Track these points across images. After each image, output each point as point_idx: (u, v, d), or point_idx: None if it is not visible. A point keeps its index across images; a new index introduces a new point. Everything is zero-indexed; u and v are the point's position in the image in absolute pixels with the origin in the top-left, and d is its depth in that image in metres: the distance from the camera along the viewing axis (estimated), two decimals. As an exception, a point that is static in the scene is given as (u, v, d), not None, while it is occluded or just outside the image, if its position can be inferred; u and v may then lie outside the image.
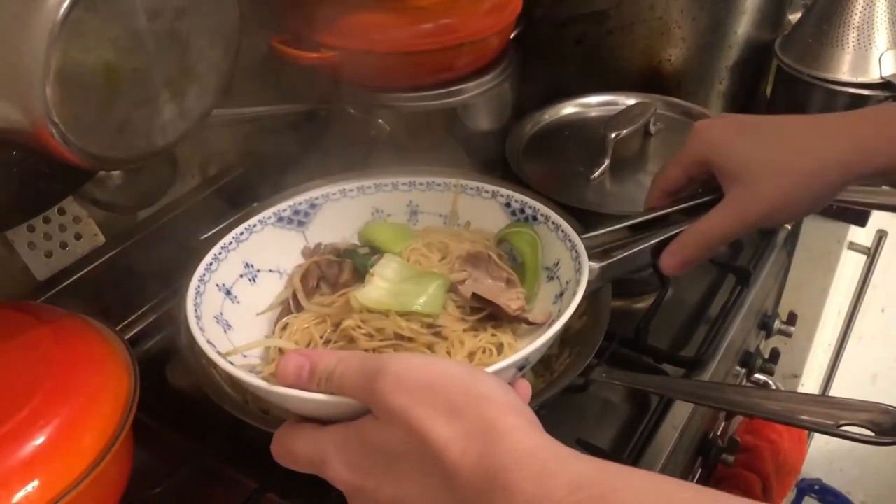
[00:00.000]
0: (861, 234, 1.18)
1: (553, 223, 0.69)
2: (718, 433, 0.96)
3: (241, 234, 0.67)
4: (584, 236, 0.66)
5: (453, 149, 1.00)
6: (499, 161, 0.92)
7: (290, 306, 0.67)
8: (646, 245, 0.67)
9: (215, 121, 0.89)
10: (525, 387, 0.51)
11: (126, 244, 0.91)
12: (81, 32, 0.45)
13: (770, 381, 1.05)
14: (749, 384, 1.04)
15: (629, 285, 0.93)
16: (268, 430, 0.65)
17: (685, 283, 0.95)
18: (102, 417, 0.59)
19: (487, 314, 0.64)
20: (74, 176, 0.77)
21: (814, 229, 1.11)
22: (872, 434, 0.55)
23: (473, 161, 0.97)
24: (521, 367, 0.54)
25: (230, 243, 0.66)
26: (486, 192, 0.73)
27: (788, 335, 1.11)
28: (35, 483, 0.54)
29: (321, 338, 0.62)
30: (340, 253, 0.71)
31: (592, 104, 1.03)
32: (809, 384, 1.43)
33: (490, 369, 0.50)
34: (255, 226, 0.67)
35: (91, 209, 0.86)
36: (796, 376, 1.36)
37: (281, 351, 0.64)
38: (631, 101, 0.98)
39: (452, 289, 0.66)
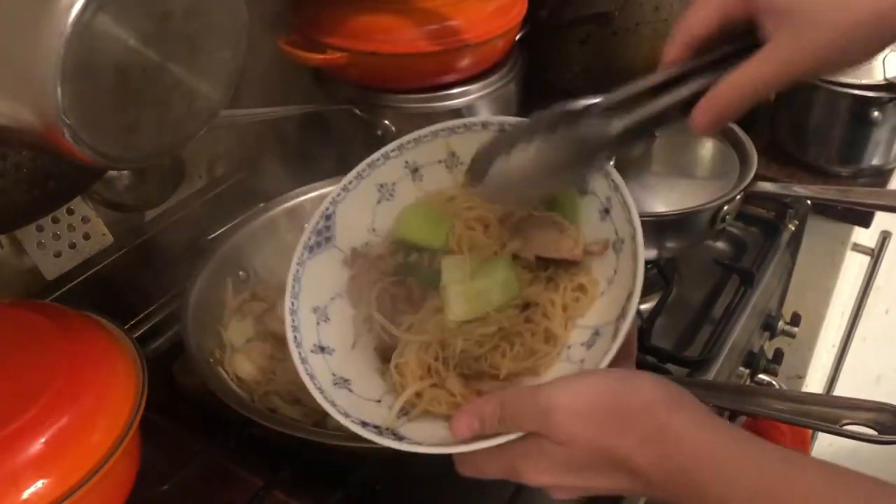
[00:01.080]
0: (865, 236, 1.18)
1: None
2: (722, 433, 0.96)
3: (294, 287, 0.65)
4: (600, 98, 0.57)
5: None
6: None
7: (381, 338, 0.66)
8: (676, 99, 0.57)
9: (222, 122, 0.90)
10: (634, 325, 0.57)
11: (134, 244, 0.92)
12: (92, 33, 0.46)
13: (774, 382, 1.05)
14: (752, 385, 1.04)
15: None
16: (274, 427, 0.66)
17: (689, 283, 0.96)
18: (111, 415, 0.60)
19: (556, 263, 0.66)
20: (83, 176, 0.77)
21: (817, 230, 1.11)
22: (875, 433, 0.55)
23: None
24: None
25: (292, 304, 0.65)
26: (476, 125, 0.70)
27: (792, 336, 1.11)
28: (45, 479, 0.54)
29: (436, 360, 0.62)
30: (400, 270, 0.69)
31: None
32: (813, 385, 1.43)
33: (606, 360, 0.54)
34: (298, 271, 0.66)
35: (99, 209, 0.86)
36: (800, 377, 1.36)
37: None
38: (635, 103, 0.98)
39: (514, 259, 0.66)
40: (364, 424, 0.58)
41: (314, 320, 0.65)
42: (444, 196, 0.71)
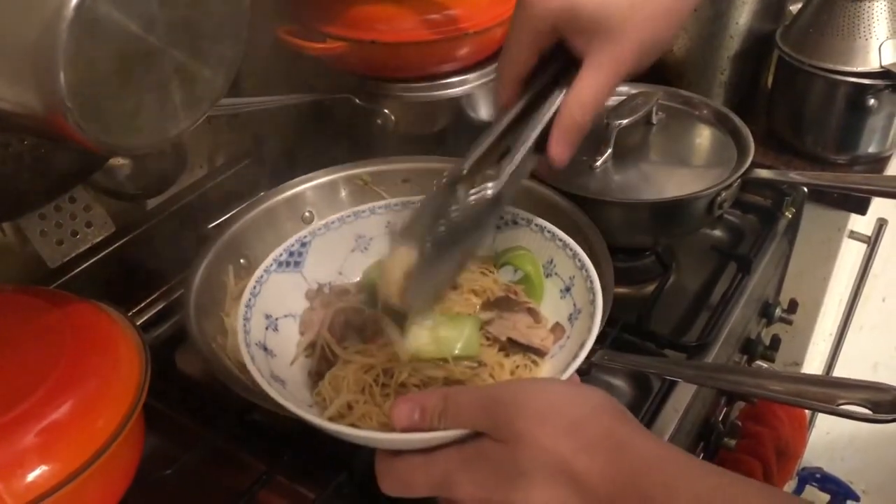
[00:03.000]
0: (861, 223, 1.18)
1: (536, 226, 0.71)
2: (720, 418, 0.97)
3: (255, 288, 0.67)
4: (461, 169, 0.62)
5: (457, 138, 1.01)
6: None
7: (325, 354, 0.66)
8: (527, 146, 0.61)
9: (223, 111, 0.91)
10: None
11: (136, 232, 0.92)
12: (95, 18, 0.46)
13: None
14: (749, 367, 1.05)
15: (632, 272, 0.94)
16: (277, 411, 0.66)
17: (687, 270, 0.96)
18: (114, 401, 0.60)
19: None
20: (85, 164, 0.78)
21: (814, 217, 1.11)
22: (870, 412, 0.56)
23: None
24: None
25: (249, 300, 0.66)
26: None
27: (789, 323, 1.12)
28: (49, 464, 0.55)
29: (375, 383, 0.62)
30: (378, 307, 0.69)
31: (595, 94, 1.03)
32: (810, 372, 1.44)
33: (566, 375, 0.56)
34: (262, 277, 0.68)
35: (101, 198, 0.87)
36: (797, 364, 1.37)
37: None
38: (633, 91, 0.98)
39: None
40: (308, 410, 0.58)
41: (264, 324, 0.67)
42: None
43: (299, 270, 0.72)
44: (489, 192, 0.61)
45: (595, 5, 0.56)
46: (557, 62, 0.61)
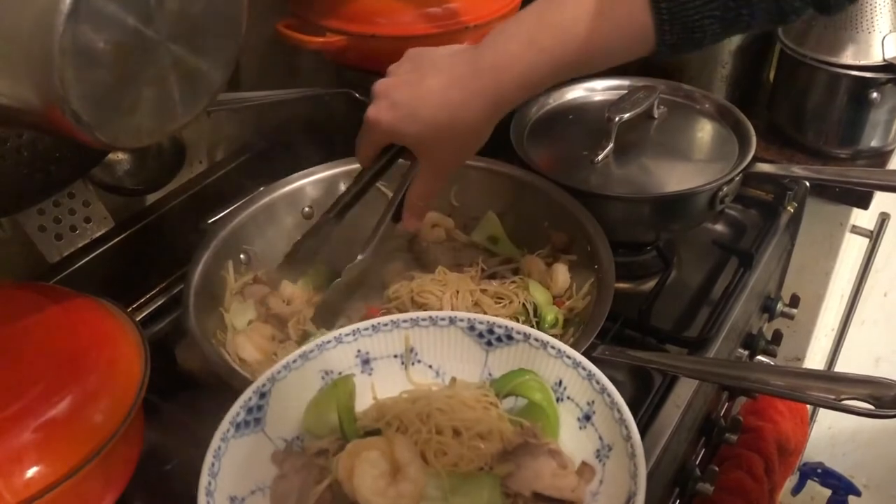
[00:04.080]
0: (864, 218, 1.18)
1: (536, 340, 0.62)
2: (721, 413, 0.97)
3: (213, 466, 0.56)
4: (330, 214, 0.76)
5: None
6: (503, 145, 0.92)
7: None
8: (386, 219, 0.79)
9: (223, 106, 0.90)
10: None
11: (135, 227, 0.92)
12: (92, 11, 0.46)
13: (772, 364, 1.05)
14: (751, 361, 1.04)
15: (633, 267, 0.93)
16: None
17: (688, 265, 0.96)
18: (114, 397, 0.60)
19: None
20: (83, 159, 0.77)
21: (816, 212, 1.11)
22: (872, 407, 0.56)
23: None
24: None
25: (209, 484, 0.55)
26: (443, 320, 0.64)
27: (791, 318, 1.11)
28: (48, 460, 0.55)
29: None
30: None
31: (597, 88, 1.03)
32: (812, 367, 1.43)
33: None
34: (219, 448, 0.57)
35: (100, 193, 0.86)
36: (799, 359, 1.37)
37: None
38: (635, 85, 0.98)
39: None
40: None
41: None
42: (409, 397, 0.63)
43: (261, 429, 0.60)
44: (359, 258, 0.79)
45: (411, 137, 0.71)
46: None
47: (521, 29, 0.67)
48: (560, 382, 0.60)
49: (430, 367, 0.65)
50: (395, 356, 0.65)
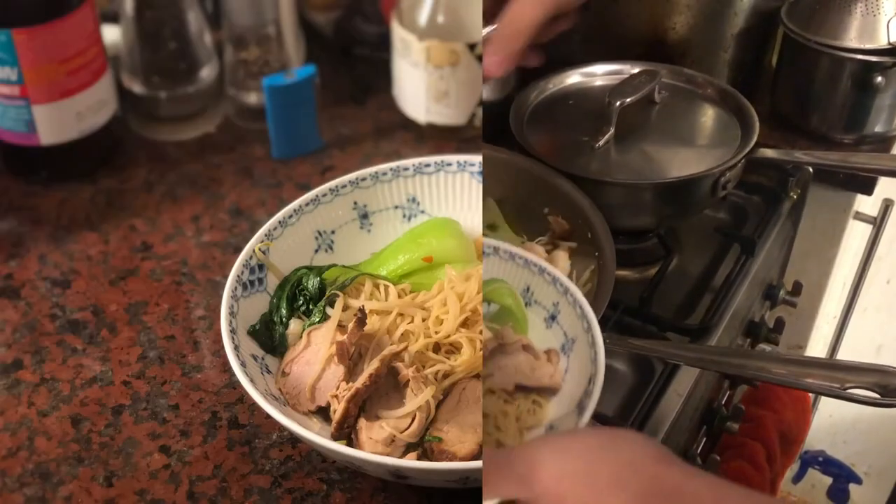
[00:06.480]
0: (867, 204, 1.17)
1: (505, 252, 0.67)
2: (723, 402, 0.96)
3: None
4: None
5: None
6: (503, 130, 0.91)
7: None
8: None
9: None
10: None
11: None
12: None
13: (775, 352, 1.04)
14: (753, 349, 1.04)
15: (634, 254, 0.92)
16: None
17: (690, 252, 0.95)
18: None
19: None
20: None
21: (819, 199, 1.10)
22: (878, 396, 0.55)
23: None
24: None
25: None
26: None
27: (793, 305, 1.11)
28: None
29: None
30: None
31: (597, 73, 1.02)
32: (814, 355, 1.43)
33: (583, 421, 0.54)
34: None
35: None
36: (801, 347, 1.36)
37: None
38: (636, 70, 0.97)
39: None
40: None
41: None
42: None
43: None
44: None
45: None
46: None
47: None
48: (528, 288, 0.66)
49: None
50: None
